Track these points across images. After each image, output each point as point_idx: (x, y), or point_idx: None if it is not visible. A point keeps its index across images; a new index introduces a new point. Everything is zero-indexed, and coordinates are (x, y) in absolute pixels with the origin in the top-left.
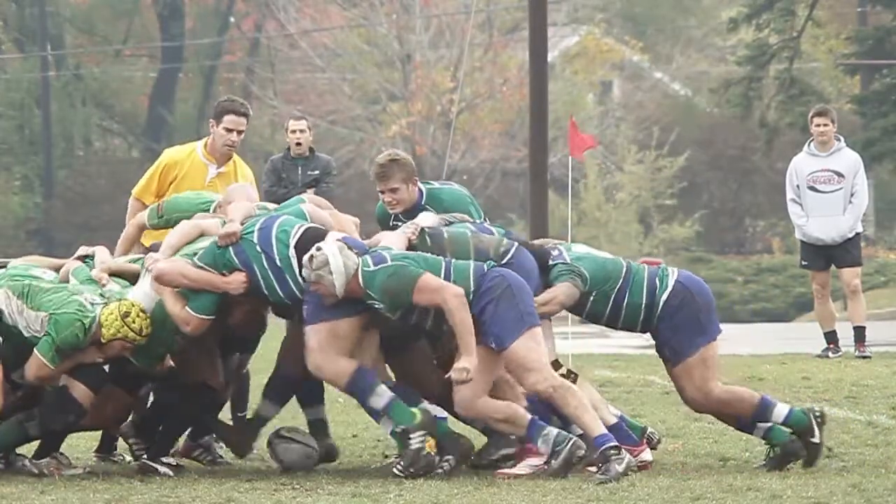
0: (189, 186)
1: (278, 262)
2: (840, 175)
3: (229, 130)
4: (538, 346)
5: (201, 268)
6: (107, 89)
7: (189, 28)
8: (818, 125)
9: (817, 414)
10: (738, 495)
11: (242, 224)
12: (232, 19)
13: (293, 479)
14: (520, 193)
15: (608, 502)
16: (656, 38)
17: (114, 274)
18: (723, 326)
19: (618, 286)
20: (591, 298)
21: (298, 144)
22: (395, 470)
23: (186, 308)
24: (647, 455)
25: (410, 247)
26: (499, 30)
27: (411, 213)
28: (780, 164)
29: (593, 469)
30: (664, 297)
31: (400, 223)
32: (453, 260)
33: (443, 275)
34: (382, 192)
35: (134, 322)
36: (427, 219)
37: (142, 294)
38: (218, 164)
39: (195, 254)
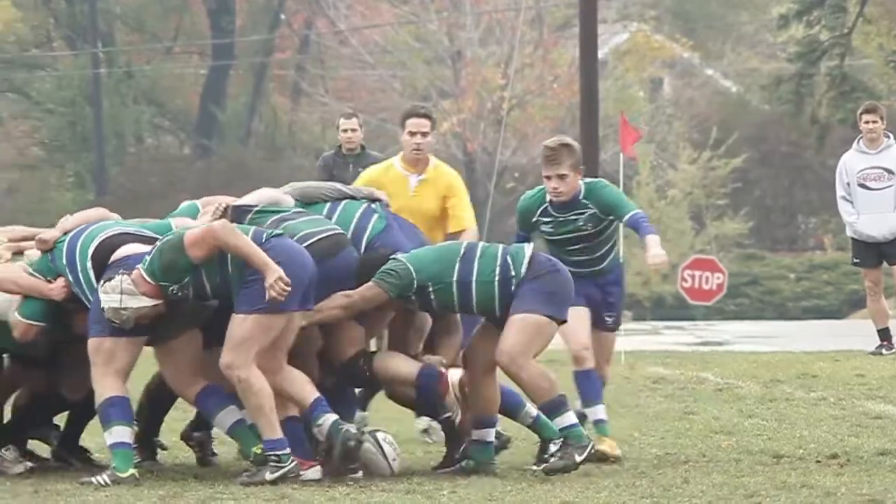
0: (395, 202)
1: (79, 274)
2: (890, 172)
3: (412, 134)
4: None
5: (32, 274)
6: (158, 87)
7: (239, 25)
8: (867, 122)
9: (592, 451)
10: (791, 493)
11: (68, 232)
12: (282, 16)
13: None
14: None
15: (662, 499)
16: (707, 35)
17: None
18: (775, 323)
19: (455, 271)
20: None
21: (350, 142)
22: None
23: (15, 312)
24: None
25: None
26: (549, 26)
27: (569, 205)
28: (831, 161)
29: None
30: (522, 269)
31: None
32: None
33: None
34: (548, 178)
35: None
36: (260, 196)
37: None
38: (417, 172)
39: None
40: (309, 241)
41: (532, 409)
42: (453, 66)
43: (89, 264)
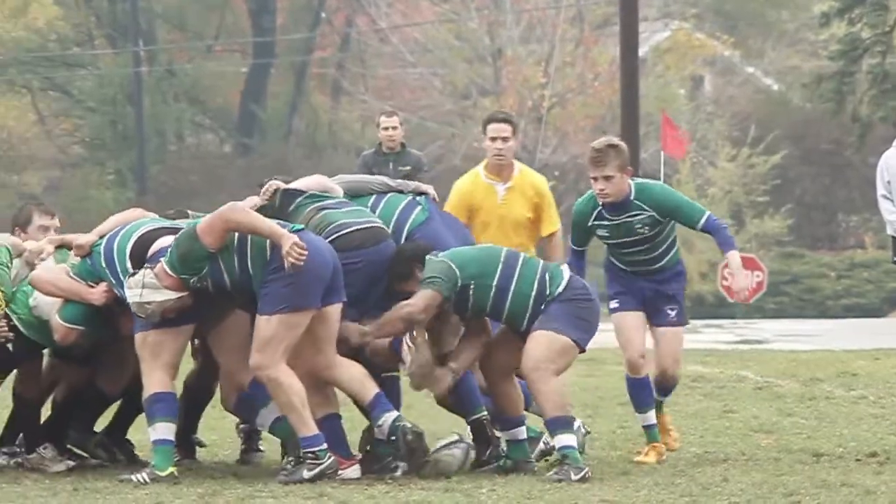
0: (485, 212)
1: (120, 275)
2: None
3: (493, 139)
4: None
5: (73, 278)
6: (199, 85)
7: (280, 23)
8: None
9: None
10: (831, 491)
11: (103, 236)
12: (323, 14)
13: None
14: None
15: (701, 498)
16: (747, 33)
17: None
18: (815, 322)
19: (497, 275)
20: (472, 289)
21: (390, 140)
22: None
23: (56, 315)
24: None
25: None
26: (590, 24)
27: (621, 207)
28: (872, 159)
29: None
30: (557, 290)
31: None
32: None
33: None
34: (595, 180)
35: None
36: (309, 182)
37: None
38: (503, 180)
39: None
40: (343, 231)
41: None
42: (494, 65)
43: (129, 264)
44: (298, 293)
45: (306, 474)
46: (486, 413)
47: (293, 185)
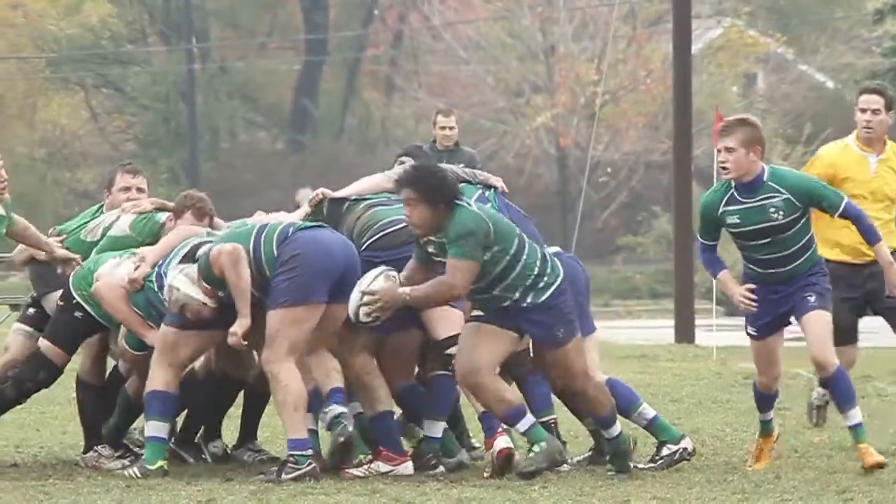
0: (854, 183)
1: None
2: None
3: (863, 111)
4: (292, 327)
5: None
6: (251, 82)
7: (333, 20)
8: None
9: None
10: (884, 489)
11: (154, 266)
12: (376, 11)
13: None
14: (664, 185)
15: (753, 495)
16: (801, 30)
17: None
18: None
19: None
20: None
21: (446, 139)
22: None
23: (122, 339)
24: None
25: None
26: (642, 22)
27: (754, 187)
28: None
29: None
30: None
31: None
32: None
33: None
34: (719, 152)
35: None
36: (360, 186)
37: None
38: (875, 152)
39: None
40: (390, 229)
41: (648, 411)
42: (546, 62)
43: None
44: (300, 287)
45: (284, 477)
46: (554, 416)
47: (340, 193)
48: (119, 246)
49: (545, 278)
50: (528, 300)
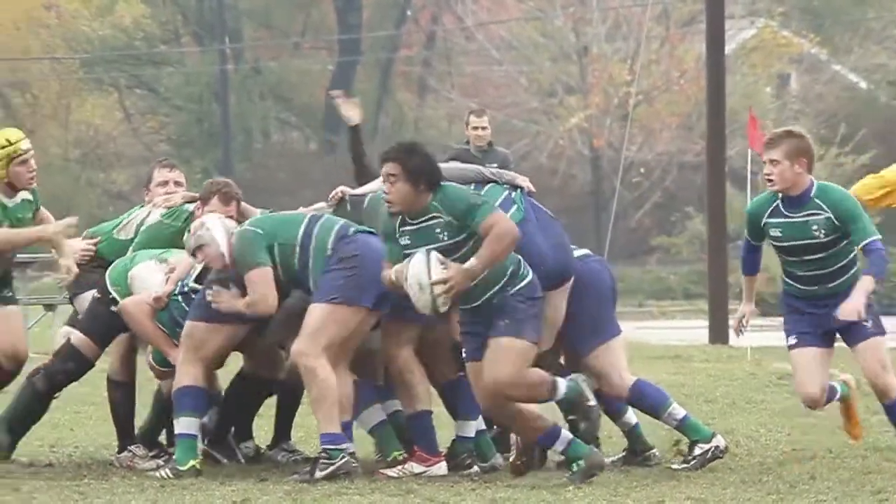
0: None
1: None
2: None
3: None
4: (335, 326)
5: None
6: (284, 82)
7: (366, 20)
8: None
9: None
10: None
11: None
12: (409, 12)
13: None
14: (697, 186)
15: (788, 495)
16: (833, 30)
17: None
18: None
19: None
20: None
21: (479, 139)
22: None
23: (149, 355)
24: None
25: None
26: (675, 22)
27: (800, 202)
28: None
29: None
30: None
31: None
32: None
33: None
34: (765, 164)
35: None
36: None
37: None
38: None
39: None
40: None
41: (678, 411)
42: (579, 62)
43: None
44: (354, 288)
45: (318, 474)
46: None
47: (360, 190)
48: (155, 237)
49: (514, 283)
50: (508, 291)
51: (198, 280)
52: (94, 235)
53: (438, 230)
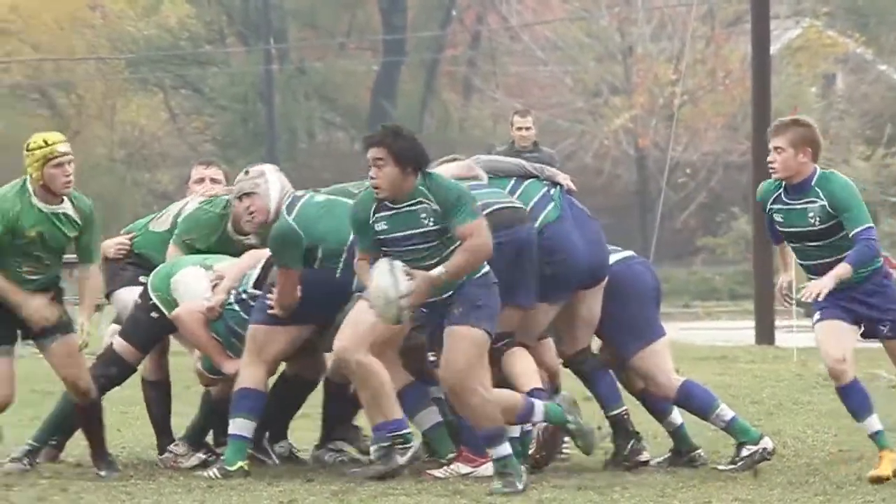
0: None
1: None
2: None
3: None
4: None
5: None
6: (329, 83)
7: (411, 21)
8: None
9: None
10: None
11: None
12: (454, 12)
13: None
14: (743, 186)
15: (835, 497)
16: (879, 30)
17: None
18: None
19: None
20: None
21: (524, 139)
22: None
23: (198, 363)
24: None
25: None
26: (721, 22)
27: (800, 190)
28: None
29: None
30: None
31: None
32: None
33: None
34: (770, 150)
35: None
36: (447, 171)
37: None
38: None
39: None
40: (486, 211)
41: (726, 412)
42: (624, 62)
43: None
44: None
45: (402, 460)
46: (626, 407)
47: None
48: (194, 225)
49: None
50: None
51: (256, 285)
52: (130, 232)
53: (424, 215)
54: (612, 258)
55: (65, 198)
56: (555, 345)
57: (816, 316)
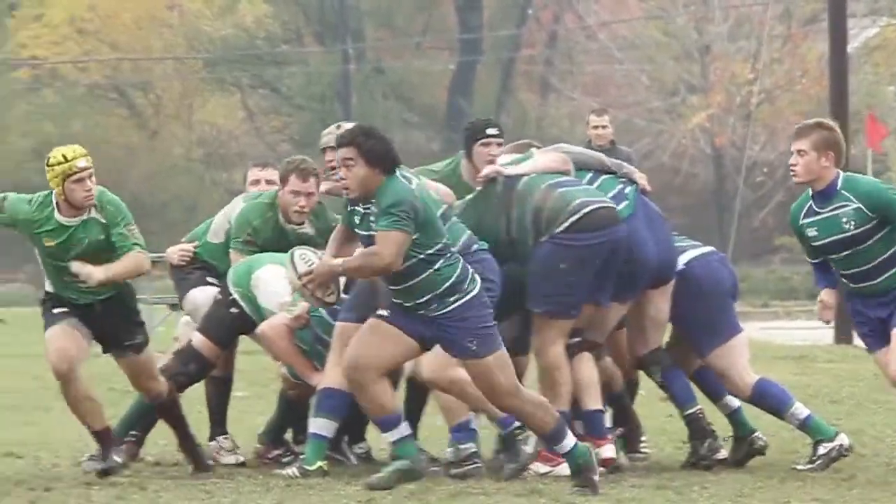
0: None
1: None
2: None
3: None
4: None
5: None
6: (406, 82)
7: (487, 20)
8: None
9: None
10: None
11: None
12: (530, 11)
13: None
14: None
15: None
16: None
17: None
18: None
19: None
20: None
21: (600, 138)
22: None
23: (283, 368)
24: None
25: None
26: (797, 21)
27: (827, 196)
28: None
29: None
30: None
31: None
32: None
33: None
34: (791, 153)
35: None
36: (535, 165)
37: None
38: None
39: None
40: (587, 209)
41: (801, 410)
42: (701, 61)
43: None
44: None
45: (528, 448)
46: (700, 407)
47: (519, 170)
48: (244, 221)
49: (458, 293)
50: (436, 310)
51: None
52: (192, 240)
53: (372, 218)
54: (690, 254)
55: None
56: (627, 347)
57: (865, 346)
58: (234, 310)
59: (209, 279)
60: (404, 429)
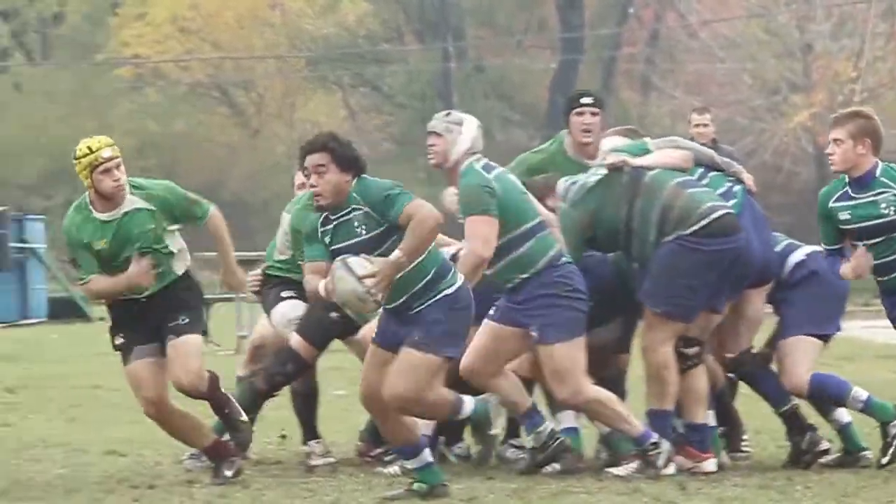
0: None
1: None
2: None
3: None
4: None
5: None
6: (507, 81)
7: (588, 19)
8: None
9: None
10: None
11: None
12: (631, 10)
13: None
14: None
15: None
16: None
17: None
18: None
19: None
20: None
21: (702, 136)
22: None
23: None
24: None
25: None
26: None
27: (865, 183)
28: None
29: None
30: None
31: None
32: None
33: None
34: (829, 142)
35: None
36: (657, 159)
37: None
38: None
39: None
40: (717, 214)
41: (861, 393)
42: (803, 59)
43: None
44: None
45: (660, 463)
46: (795, 402)
47: (646, 162)
48: (305, 235)
49: (436, 288)
50: (416, 306)
51: None
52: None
53: (356, 224)
54: (811, 248)
55: (127, 196)
56: (717, 348)
57: None
58: (333, 314)
59: (283, 294)
60: (427, 457)
